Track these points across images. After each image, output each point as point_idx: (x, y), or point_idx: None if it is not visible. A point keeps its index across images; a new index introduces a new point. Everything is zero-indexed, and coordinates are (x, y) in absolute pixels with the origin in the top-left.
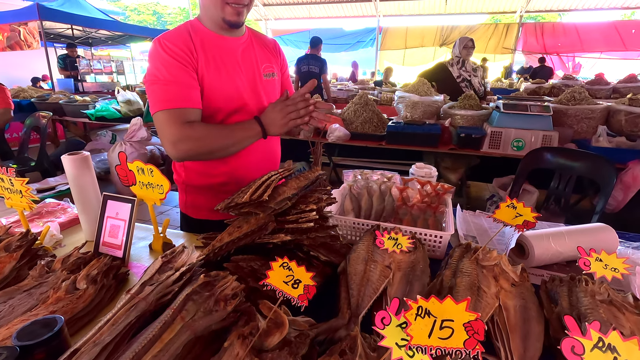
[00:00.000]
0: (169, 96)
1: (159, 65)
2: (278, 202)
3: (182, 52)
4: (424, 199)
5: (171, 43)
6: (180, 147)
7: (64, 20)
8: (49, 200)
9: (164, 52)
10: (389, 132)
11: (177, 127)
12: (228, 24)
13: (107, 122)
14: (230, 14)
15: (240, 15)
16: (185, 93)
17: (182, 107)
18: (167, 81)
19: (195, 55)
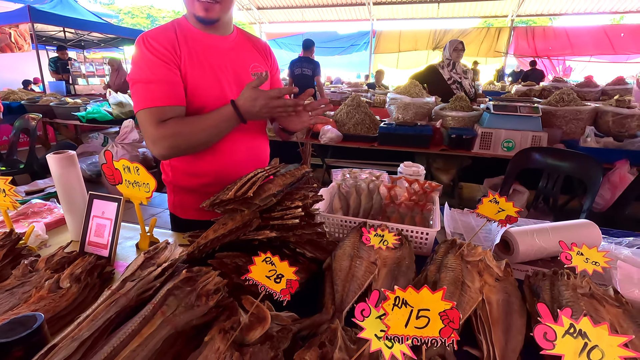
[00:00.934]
0: (150, 95)
1: (142, 64)
2: (263, 199)
3: (164, 49)
4: (412, 197)
5: (154, 40)
6: (159, 145)
7: (55, 22)
8: (35, 200)
9: (146, 49)
10: (381, 133)
11: (154, 126)
12: (199, 19)
13: (98, 124)
14: (199, 9)
15: (209, 12)
16: (166, 90)
17: (162, 105)
18: (148, 80)
19: (178, 52)
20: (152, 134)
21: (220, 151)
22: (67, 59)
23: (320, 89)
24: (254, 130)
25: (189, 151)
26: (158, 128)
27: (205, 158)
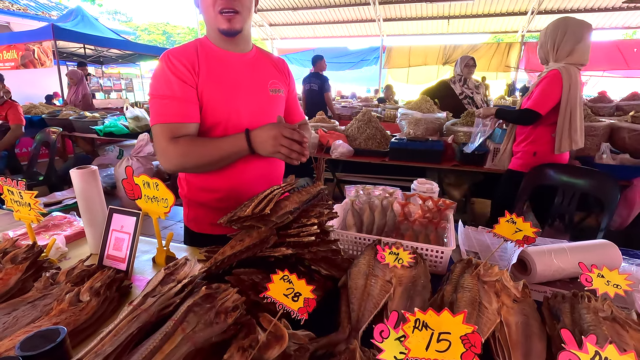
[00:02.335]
0: (164, 110)
1: (160, 80)
2: (280, 216)
3: (184, 67)
4: (426, 214)
5: (175, 59)
6: (167, 161)
7: (76, 39)
8: (55, 213)
9: (167, 67)
10: (392, 148)
11: (165, 142)
12: (223, 32)
13: (115, 137)
14: (221, 21)
15: (232, 22)
16: (180, 108)
17: (175, 122)
18: (164, 96)
19: (197, 70)
20: (163, 149)
21: (235, 168)
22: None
23: (329, 104)
24: None
25: (196, 170)
26: (169, 144)
27: (220, 174)
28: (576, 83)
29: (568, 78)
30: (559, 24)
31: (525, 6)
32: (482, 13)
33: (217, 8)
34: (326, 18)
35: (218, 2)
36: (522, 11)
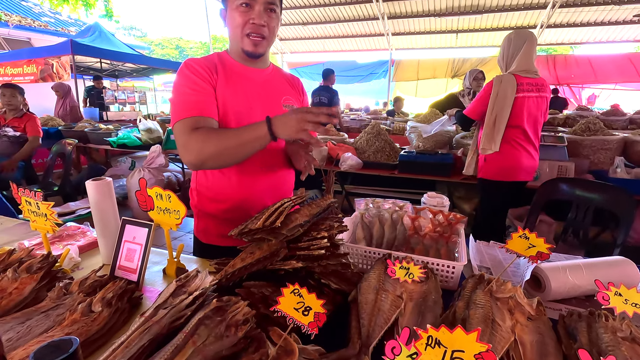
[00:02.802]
0: (184, 106)
1: (180, 82)
2: (290, 229)
3: (203, 70)
4: (436, 228)
5: (195, 63)
6: (189, 150)
7: (93, 54)
8: (70, 223)
9: (187, 70)
10: (401, 161)
11: (187, 133)
12: (247, 53)
13: (127, 149)
14: (248, 44)
15: (258, 46)
16: (201, 102)
17: (195, 115)
18: (184, 93)
19: (215, 76)
20: (183, 141)
21: (245, 180)
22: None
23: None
24: (279, 161)
25: (216, 161)
26: (190, 134)
27: (230, 186)
28: (505, 90)
29: (498, 85)
30: (507, 38)
31: (534, 20)
32: (490, 27)
33: (246, 31)
34: (336, 32)
35: (248, 26)
36: (531, 25)
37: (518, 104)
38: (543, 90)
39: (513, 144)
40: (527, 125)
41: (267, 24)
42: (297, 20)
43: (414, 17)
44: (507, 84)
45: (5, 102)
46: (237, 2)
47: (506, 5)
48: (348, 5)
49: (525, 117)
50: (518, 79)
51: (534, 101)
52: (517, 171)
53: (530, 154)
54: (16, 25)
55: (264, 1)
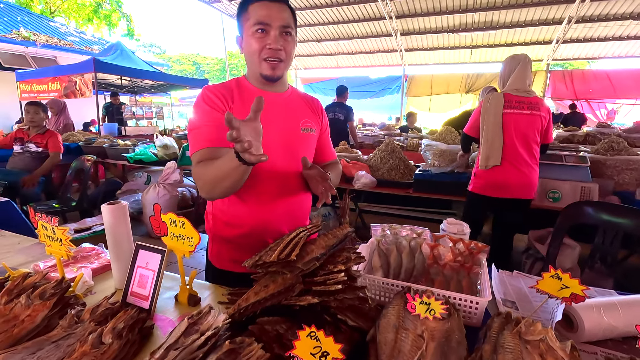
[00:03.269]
0: (197, 139)
1: (196, 113)
2: (306, 263)
3: (217, 99)
4: (457, 257)
5: (211, 92)
6: (197, 185)
7: (114, 72)
8: (85, 244)
9: (202, 100)
10: (416, 180)
11: (194, 166)
12: (265, 77)
13: (144, 164)
14: (265, 68)
15: (275, 70)
16: (211, 133)
17: (205, 147)
18: (199, 126)
19: (230, 103)
20: (193, 174)
21: (261, 204)
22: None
23: (353, 133)
24: (296, 185)
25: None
26: (195, 168)
27: (245, 210)
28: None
29: (486, 102)
30: (504, 61)
31: (549, 35)
32: (505, 42)
33: (263, 56)
34: (349, 49)
35: (265, 51)
36: (547, 40)
37: (505, 120)
38: (536, 109)
39: (502, 160)
40: (517, 142)
41: (283, 47)
42: (311, 37)
43: (427, 33)
44: (495, 100)
45: (29, 119)
46: (252, 29)
47: (520, 21)
48: (361, 23)
49: (513, 133)
50: (507, 97)
51: (525, 118)
52: (504, 187)
53: (521, 170)
54: (43, 44)
55: (279, 25)
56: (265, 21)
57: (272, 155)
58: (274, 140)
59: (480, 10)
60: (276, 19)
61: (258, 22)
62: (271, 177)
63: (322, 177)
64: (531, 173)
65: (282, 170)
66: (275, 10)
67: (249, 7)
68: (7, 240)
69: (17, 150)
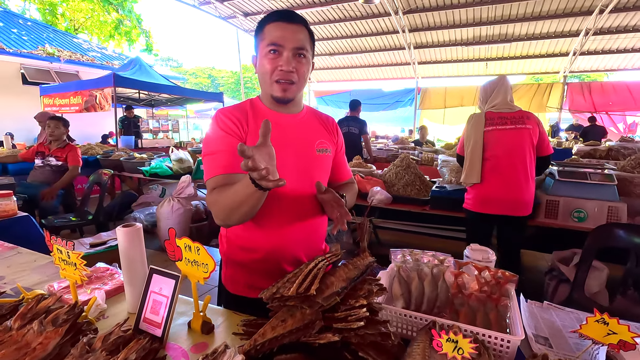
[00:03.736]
0: (212, 165)
1: (210, 137)
2: (326, 298)
3: (232, 123)
4: (483, 287)
5: (224, 116)
6: (212, 212)
7: (133, 86)
8: (99, 264)
9: (216, 125)
10: (433, 196)
11: (209, 194)
12: (276, 99)
13: (159, 177)
14: (277, 90)
15: (286, 92)
16: (225, 160)
17: (220, 174)
18: (212, 152)
19: (245, 127)
20: (207, 201)
21: (275, 228)
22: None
23: (367, 147)
24: (312, 209)
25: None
26: (209, 195)
27: (261, 234)
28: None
29: (469, 122)
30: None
31: (566, 47)
32: (520, 55)
33: (274, 77)
34: (362, 62)
35: (276, 73)
36: (564, 52)
37: (488, 138)
38: (521, 122)
39: (487, 176)
40: (503, 158)
41: (296, 69)
42: (324, 51)
43: (440, 46)
44: (475, 119)
45: (49, 132)
46: (266, 49)
47: (536, 34)
48: (375, 36)
49: (498, 149)
50: (488, 115)
51: (509, 134)
52: (491, 203)
53: (508, 187)
54: (67, 60)
55: (293, 47)
56: (278, 42)
57: (287, 178)
58: (289, 162)
59: (494, 23)
60: (290, 40)
61: (271, 42)
62: (286, 201)
63: (337, 203)
64: (521, 189)
65: (297, 193)
66: (289, 31)
67: (265, 28)
68: (24, 258)
69: (38, 164)
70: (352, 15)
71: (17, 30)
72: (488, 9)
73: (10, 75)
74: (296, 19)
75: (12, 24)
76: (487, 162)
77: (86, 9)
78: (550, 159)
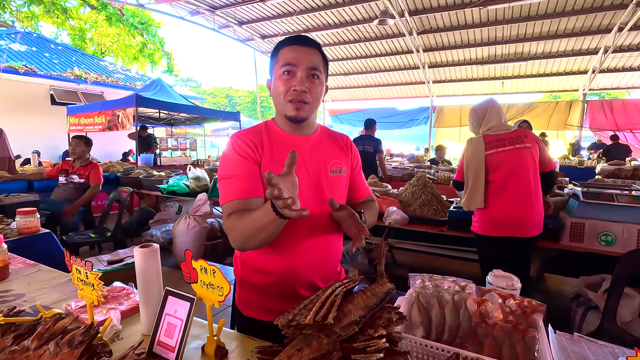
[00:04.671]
0: (228, 189)
1: (226, 161)
2: (344, 327)
3: (247, 147)
4: (508, 317)
5: (240, 139)
6: (229, 237)
7: (154, 106)
8: (115, 284)
9: (232, 148)
10: (450, 217)
11: (225, 219)
12: (289, 119)
13: (176, 195)
14: (290, 109)
15: (300, 111)
16: (242, 184)
17: (236, 199)
18: (228, 176)
19: (260, 151)
20: (224, 226)
21: (289, 251)
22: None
23: (382, 166)
24: (326, 230)
25: (248, 244)
26: (226, 220)
27: (275, 257)
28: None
29: (467, 146)
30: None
31: (585, 65)
32: (537, 73)
33: (288, 97)
34: (376, 81)
35: (290, 93)
36: (582, 70)
37: (490, 161)
38: (519, 141)
39: (492, 200)
40: (507, 179)
41: (309, 90)
42: (339, 71)
43: (455, 65)
44: (474, 144)
45: (71, 150)
46: (280, 71)
47: (553, 52)
48: (389, 56)
49: (501, 172)
50: (486, 138)
51: (510, 155)
52: (502, 225)
53: (517, 207)
54: (93, 81)
55: (306, 67)
56: (292, 62)
57: (301, 200)
58: (302, 184)
59: (510, 42)
60: (303, 61)
61: (285, 63)
62: (301, 224)
63: (352, 218)
64: (529, 210)
65: (311, 216)
66: (303, 53)
67: (280, 51)
68: (44, 275)
69: (61, 181)
70: (366, 37)
71: (49, 54)
72: (503, 29)
73: (41, 96)
74: (309, 42)
75: (45, 48)
76: (491, 185)
77: (113, 33)
78: (554, 174)
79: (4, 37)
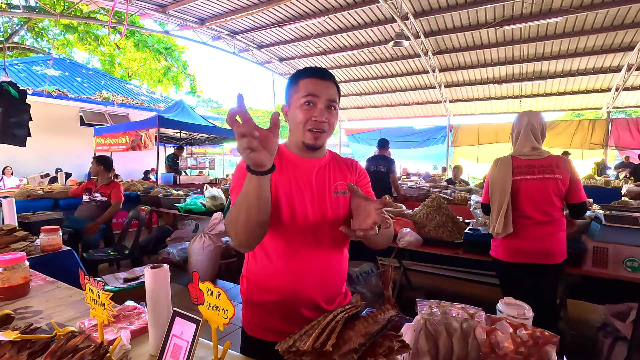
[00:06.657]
0: (234, 197)
1: (238, 174)
2: (343, 355)
3: None
4: (519, 348)
5: None
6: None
7: (175, 127)
8: (127, 302)
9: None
10: (466, 239)
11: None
12: (306, 146)
13: (193, 214)
14: (309, 138)
15: (318, 140)
16: None
17: None
18: (237, 185)
19: None
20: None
21: (292, 269)
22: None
23: (395, 186)
24: (329, 250)
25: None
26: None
27: (277, 274)
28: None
29: (493, 168)
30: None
31: (607, 83)
32: (557, 92)
33: (308, 126)
34: (392, 101)
35: (310, 122)
36: (605, 88)
37: (516, 188)
38: (549, 172)
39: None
40: (528, 208)
41: (327, 120)
42: (355, 91)
43: (472, 84)
44: (502, 165)
45: (92, 169)
46: (301, 100)
47: (573, 70)
48: (405, 77)
49: (524, 200)
50: (516, 162)
51: (536, 184)
52: (522, 253)
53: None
54: (119, 103)
55: (326, 99)
56: (314, 94)
57: (304, 220)
58: (306, 204)
59: (528, 61)
60: (324, 93)
61: (307, 94)
62: (302, 242)
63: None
64: (550, 241)
65: (313, 235)
66: (323, 86)
67: (300, 82)
68: (62, 292)
69: (85, 200)
70: (382, 58)
71: (80, 78)
72: (520, 48)
73: (70, 118)
74: (328, 75)
75: (76, 73)
76: (514, 212)
77: (139, 58)
78: (585, 206)
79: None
